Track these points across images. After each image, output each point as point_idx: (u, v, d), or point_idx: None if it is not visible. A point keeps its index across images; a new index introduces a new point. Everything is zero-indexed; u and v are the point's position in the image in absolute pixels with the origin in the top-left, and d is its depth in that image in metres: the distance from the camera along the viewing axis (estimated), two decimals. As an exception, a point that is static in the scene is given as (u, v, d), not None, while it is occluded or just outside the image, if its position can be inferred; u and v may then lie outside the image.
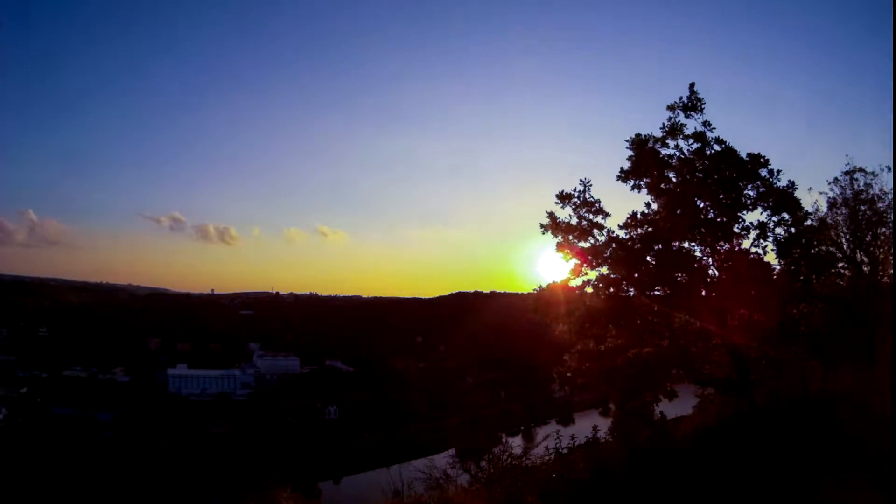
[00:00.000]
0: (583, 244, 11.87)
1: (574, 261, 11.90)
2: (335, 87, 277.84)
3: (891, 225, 13.67)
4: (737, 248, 11.51)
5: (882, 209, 14.19)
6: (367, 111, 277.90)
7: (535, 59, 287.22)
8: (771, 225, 11.36)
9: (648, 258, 11.61)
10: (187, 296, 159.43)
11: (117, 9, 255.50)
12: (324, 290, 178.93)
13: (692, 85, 11.65)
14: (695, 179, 11.68)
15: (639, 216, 11.85)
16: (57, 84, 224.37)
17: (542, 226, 12.01)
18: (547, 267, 12.44)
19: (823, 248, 12.92)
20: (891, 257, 13.78)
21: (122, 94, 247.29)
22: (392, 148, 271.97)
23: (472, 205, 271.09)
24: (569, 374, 12.13)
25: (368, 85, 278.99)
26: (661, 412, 11.90)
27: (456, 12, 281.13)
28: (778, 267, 11.47)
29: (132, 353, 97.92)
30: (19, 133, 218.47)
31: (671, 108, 11.73)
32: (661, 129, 11.89)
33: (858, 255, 14.62)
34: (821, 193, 14.96)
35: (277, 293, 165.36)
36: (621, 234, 11.86)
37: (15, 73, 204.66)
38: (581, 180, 11.89)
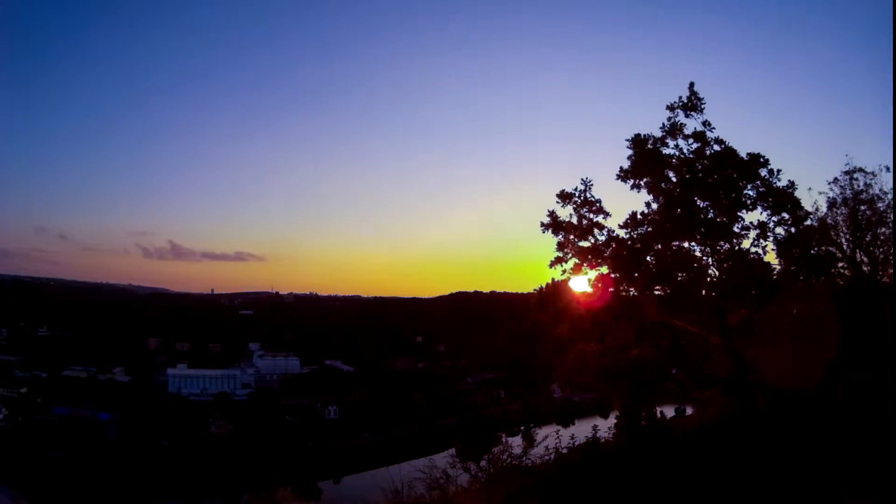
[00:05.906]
0: (583, 243, 11.89)
1: (574, 260, 11.91)
2: (334, 88, 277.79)
3: (891, 225, 13.64)
4: (737, 248, 11.51)
5: (882, 209, 14.15)
6: (365, 112, 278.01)
7: (536, 57, 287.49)
8: (771, 225, 11.38)
9: (648, 258, 11.61)
10: (187, 296, 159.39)
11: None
12: (324, 290, 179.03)
13: (692, 84, 11.66)
14: (695, 179, 11.69)
15: (639, 216, 11.86)
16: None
17: (542, 224, 12.02)
18: (547, 267, 12.44)
19: (823, 248, 12.91)
20: (891, 257, 13.75)
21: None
22: (391, 148, 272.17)
23: (472, 205, 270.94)
24: (569, 374, 12.13)
25: (367, 85, 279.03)
26: (661, 412, 11.92)
27: (456, 11, 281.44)
28: (778, 267, 11.48)
29: (132, 353, 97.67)
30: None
31: (671, 107, 11.74)
32: (661, 128, 11.90)
33: (858, 255, 14.57)
34: (820, 193, 14.91)
35: (277, 293, 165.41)
36: (621, 233, 11.88)
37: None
38: (582, 179, 11.91)
